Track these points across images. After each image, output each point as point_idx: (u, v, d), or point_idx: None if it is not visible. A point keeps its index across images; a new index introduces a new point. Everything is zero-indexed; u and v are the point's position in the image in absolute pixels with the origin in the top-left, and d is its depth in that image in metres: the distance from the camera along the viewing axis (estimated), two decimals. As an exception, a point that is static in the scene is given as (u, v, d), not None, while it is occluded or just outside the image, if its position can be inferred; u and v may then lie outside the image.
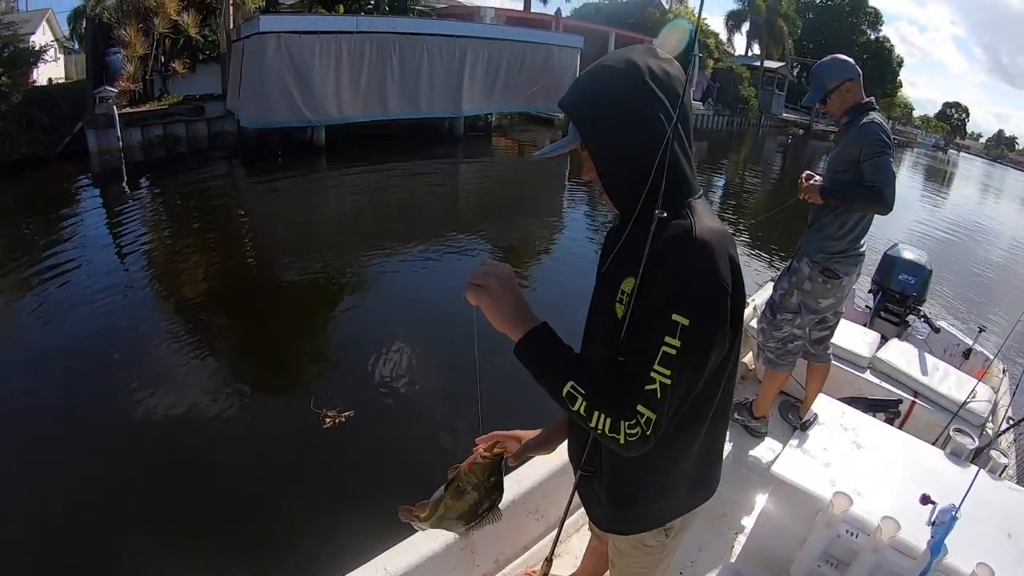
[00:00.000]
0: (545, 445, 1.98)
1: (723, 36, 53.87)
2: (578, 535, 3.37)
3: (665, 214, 1.44)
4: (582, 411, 1.43)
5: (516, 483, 2.97)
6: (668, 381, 1.37)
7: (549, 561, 2.21)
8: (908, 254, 5.61)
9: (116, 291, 8.73)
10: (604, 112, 1.50)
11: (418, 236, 11.75)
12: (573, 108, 1.54)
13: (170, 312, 8.42)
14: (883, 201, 3.60)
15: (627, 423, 1.38)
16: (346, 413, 5.63)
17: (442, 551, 2.60)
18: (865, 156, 3.64)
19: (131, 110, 18.78)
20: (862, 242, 4.01)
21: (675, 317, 1.36)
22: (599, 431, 1.42)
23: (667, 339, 1.36)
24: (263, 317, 8.40)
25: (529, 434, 1.97)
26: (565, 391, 1.45)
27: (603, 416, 1.40)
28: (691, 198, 1.54)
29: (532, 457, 2.02)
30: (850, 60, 3.91)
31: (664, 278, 1.41)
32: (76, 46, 38.76)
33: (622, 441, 1.39)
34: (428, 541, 2.60)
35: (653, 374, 1.37)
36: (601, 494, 1.83)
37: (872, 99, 3.89)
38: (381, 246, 11.20)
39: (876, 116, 3.75)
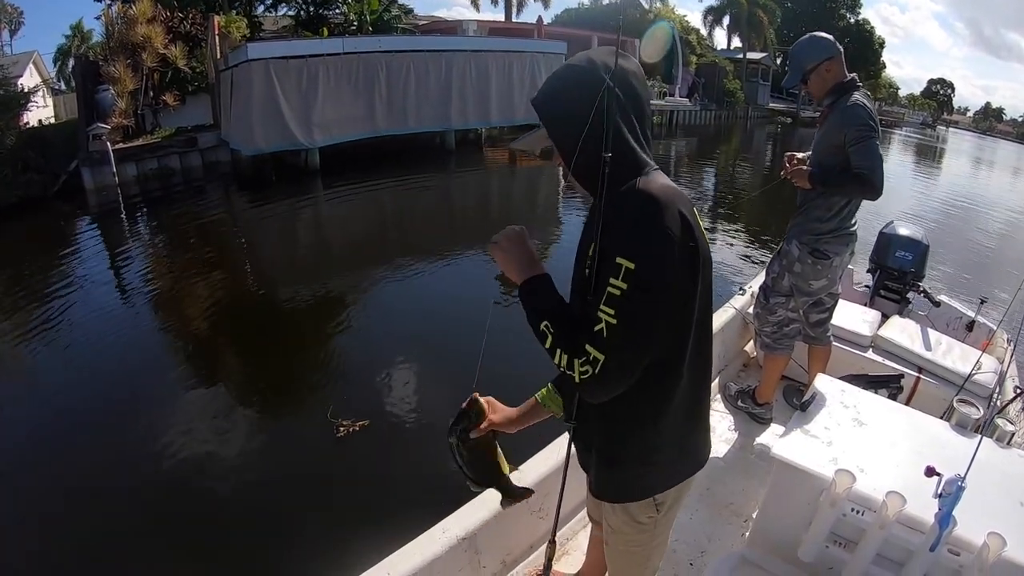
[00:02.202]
0: (517, 421, 2.12)
1: (703, 32, 54.07)
2: (585, 531, 3.36)
3: (610, 155, 1.57)
4: (549, 347, 1.63)
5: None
6: (613, 321, 1.49)
7: (552, 543, 2.26)
8: (903, 231, 5.57)
9: (124, 322, 8.85)
10: (563, 106, 1.65)
11: (418, 249, 11.88)
12: (538, 105, 1.69)
13: (181, 338, 8.52)
14: (872, 187, 3.55)
15: (579, 361, 1.54)
16: (360, 423, 5.73)
17: (446, 553, 2.61)
18: (851, 141, 3.56)
19: (124, 145, 18.81)
20: (852, 222, 3.96)
21: (619, 260, 1.49)
22: (561, 367, 1.60)
23: (612, 280, 1.49)
24: (274, 336, 8.49)
25: (505, 409, 2.12)
26: (541, 328, 1.65)
27: (562, 353, 1.59)
28: (641, 171, 1.65)
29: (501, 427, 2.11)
30: (829, 37, 3.79)
31: (614, 228, 1.55)
32: (63, 86, 38.87)
33: (576, 379, 1.57)
34: (432, 544, 2.61)
35: (600, 314, 1.51)
36: (594, 456, 1.96)
37: (855, 76, 3.78)
38: (384, 261, 11.32)
39: (860, 97, 3.65)
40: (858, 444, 2.78)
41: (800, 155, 4.03)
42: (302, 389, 6.94)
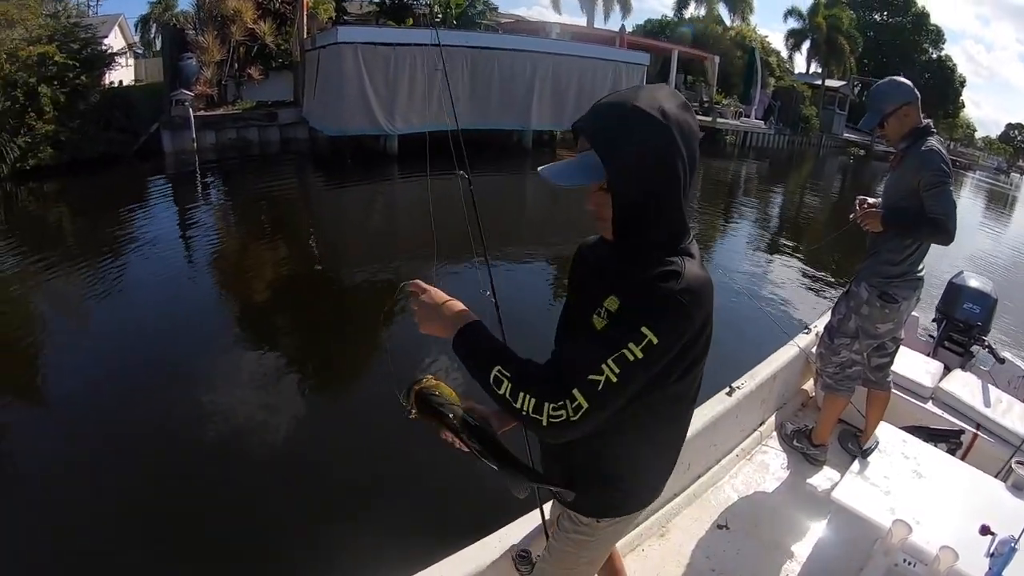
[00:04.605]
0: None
1: (784, 54, 53.26)
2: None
3: (663, 214, 1.61)
4: (507, 394, 1.52)
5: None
6: (614, 379, 1.47)
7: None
8: (973, 282, 5.45)
9: (190, 282, 9.33)
10: (635, 157, 1.57)
11: (491, 241, 11.89)
12: (604, 147, 1.59)
13: (247, 305, 8.83)
14: (946, 233, 3.59)
15: (552, 405, 1.47)
16: None
17: (497, 561, 2.64)
18: (926, 186, 3.61)
19: (206, 113, 19.36)
20: (921, 266, 3.97)
21: (646, 330, 1.48)
22: (523, 412, 1.50)
23: (631, 345, 1.48)
24: (345, 313, 8.70)
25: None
26: (492, 376, 1.54)
27: (528, 397, 1.49)
28: (684, 242, 1.66)
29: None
30: (908, 83, 3.83)
31: (649, 301, 1.54)
32: (143, 52, 39.53)
33: (544, 423, 1.48)
34: (481, 553, 2.64)
35: (604, 367, 1.48)
36: (574, 474, 1.93)
37: (930, 122, 3.82)
38: (459, 251, 11.36)
39: (935, 143, 3.70)
40: (916, 496, 2.84)
41: (871, 200, 4.07)
42: (376, 368, 6.94)
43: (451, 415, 1.75)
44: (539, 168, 1.63)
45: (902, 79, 3.89)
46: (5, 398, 6.05)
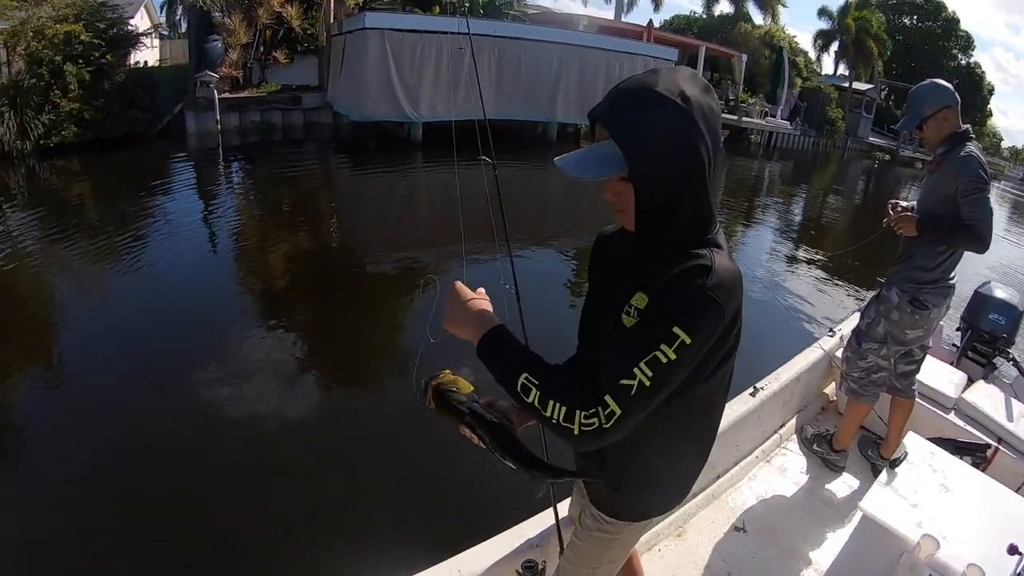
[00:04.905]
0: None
1: (812, 55, 52.81)
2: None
3: (691, 211, 1.54)
4: (536, 402, 1.46)
5: (579, 493, 2.91)
6: (648, 383, 1.41)
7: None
8: (1000, 293, 5.35)
9: (208, 262, 9.34)
10: (657, 144, 1.48)
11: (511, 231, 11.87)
12: (623, 136, 1.50)
13: (264, 287, 8.82)
14: (981, 240, 3.53)
15: (584, 413, 1.41)
16: None
17: (508, 558, 2.59)
18: (963, 192, 3.54)
19: (230, 95, 19.45)
20: (953, 274, 3.90)
21: (677, 331, 1.42)
22: (553, 421, 1.44)
23: (663, 346, 1.41)
24: (362, 298, 8.63)
25: None
26: (519, 384, 1.48)
27: (558, 405, 1.43)
28: (711, 232, 1.59)
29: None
30: (949, 86, 3.74)
31: (679, 299, 1.48)
32: (168, 33, 39.84)
33: (576, 432, 1.42)
34: (497, 548, 2.59)
35: (636, 371, 1.41)
36: (604, 476, 1.88)
37: (968, 127, 3.73)
38: (481, 239, 11.33)
39: (973, 148, 3.62)
40: (943, 510, 2.79)
41: (904, 203, 4.00)
42: (387, 361, 6.95)
43: (468, 412, 1.71)
44: (555, 159, 1.54)
45: (943, 82, 3.80)
46: (12, 378, 6.06)
